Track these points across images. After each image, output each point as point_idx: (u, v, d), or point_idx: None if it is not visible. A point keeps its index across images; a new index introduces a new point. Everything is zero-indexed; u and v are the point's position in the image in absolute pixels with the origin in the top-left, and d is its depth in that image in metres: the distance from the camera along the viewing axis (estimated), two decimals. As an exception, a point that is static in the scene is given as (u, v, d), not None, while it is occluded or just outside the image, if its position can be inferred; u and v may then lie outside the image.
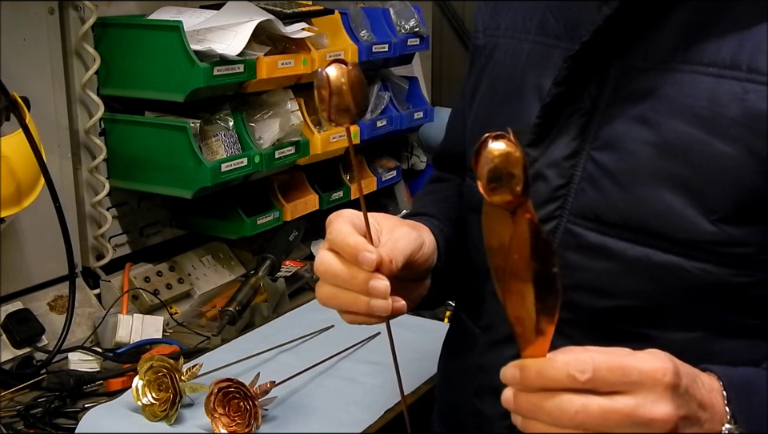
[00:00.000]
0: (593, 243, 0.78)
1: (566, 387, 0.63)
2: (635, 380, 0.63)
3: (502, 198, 0.60)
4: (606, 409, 0.63)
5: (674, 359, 0.66)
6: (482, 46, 0.98)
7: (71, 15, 1.56)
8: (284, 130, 1.72)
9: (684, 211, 0.73)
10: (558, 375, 0.63)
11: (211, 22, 1.61)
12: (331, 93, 0.71)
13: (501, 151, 0.59)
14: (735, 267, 0.73)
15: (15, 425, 1.27)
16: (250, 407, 1.09)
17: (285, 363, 1.28)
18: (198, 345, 1.52)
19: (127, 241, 1.72)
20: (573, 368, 0.63)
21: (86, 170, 1.63)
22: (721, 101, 0.73)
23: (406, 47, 2.09)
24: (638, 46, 0.78)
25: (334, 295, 0.79)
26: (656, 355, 0.65)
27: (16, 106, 1.32)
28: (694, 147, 0.73)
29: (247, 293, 1.54)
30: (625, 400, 0.63)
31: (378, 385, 1.24)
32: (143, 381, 1.15)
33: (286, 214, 1.81)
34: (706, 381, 0.69)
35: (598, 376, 0.63)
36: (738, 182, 0.72)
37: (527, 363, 0.65)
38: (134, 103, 1.64)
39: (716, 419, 0.68)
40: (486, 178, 0.60)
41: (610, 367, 0.63)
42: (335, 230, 0.78)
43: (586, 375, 0.62)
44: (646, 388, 0.63)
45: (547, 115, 0.82)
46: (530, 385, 0.65)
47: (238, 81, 1.61)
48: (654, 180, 0.75)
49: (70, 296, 1.44)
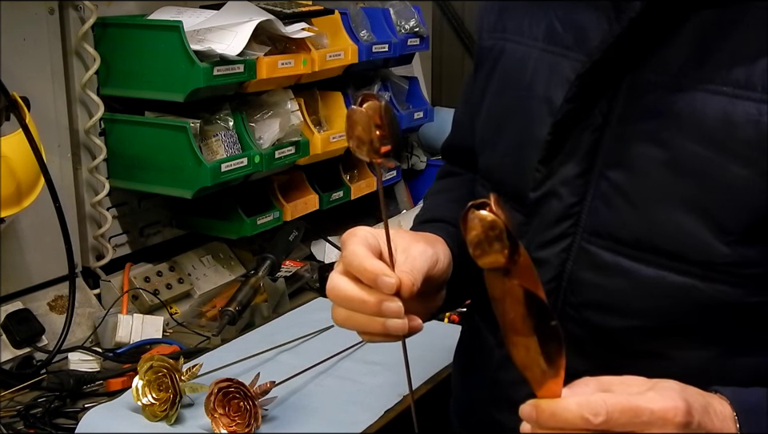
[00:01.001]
0: (606, 261, 0.78)
1: (581, 428, 0.64)
2: (647, 421, 0.64)
3: (489, 263, 0.62)
4: None
5: (686, 393, 0.67)
6: (489, 48, 0.97)
7: (71, 15, 1.56)
8: (284, 130, 1.72)
9: (697, 232, 0.73)
10: (572, 418, 0.64)
11: (211, 22, 1.61)
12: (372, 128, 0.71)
13: (483, 221, 0.60)
14: (749, 286, 0.73)
15: (15, 425, 1.27)
16: (249, 407, 1.09)
17: (285, 363, 1.28)
18: (198, 345, 1.52)
19: (127, 241, 1.72)
20: (587, 411, 0.64)
21: (86, 170, 1.63)
22: (735, 122, 0.71)
23: (406, 47, 2.09)
24: (650, 62, 0.77)
25: (348, 317, 0.80)
26: (667, 394, 0.66)
27: (16, 106, 1.32)
28: (707, 168, 0.73)
29: (247, 293, 1.54)
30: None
31: (378, 385, 1.24)
32: (143, 381, 1.15)
33: (285, 214, 1.81)
34: (719, 409, 0.69)
35: (611, 419, 0.64)
36: (751, 204, 0.71)
37: (542, 403, 0.66)
38: (134, 103, 1.64)
39: None
40: (472, 246, 0.61)
41: (623, 409, 0.64)
42: (351, 253, 0.78)
43: (600, 418, 0.64)
44: (657, 428, 0.64)
45: (558, 132, 0.81)
46: (545, 425, 0.66)
47: (238, 81, 1.61)
48: (666, 200, 0.74)
49: (70, 296, 1.44)
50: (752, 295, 0.73)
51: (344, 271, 0.79)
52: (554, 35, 0.86)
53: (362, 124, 0.71)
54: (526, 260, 0.63)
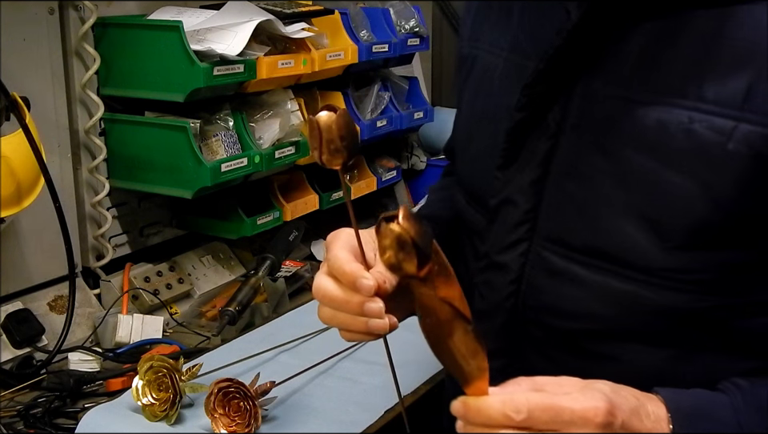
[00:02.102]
0: (559, 267, 0.80)
1: (503, 425, 0.67)
2: (567, 420, 0.66)
3: (401, 273, 0.65)
4: None
5: (615, 394, 0.69)
6: (465, 56, 0.99)
7: (71, 15, 1.56)
8: (284, 130, 1.72)
9: (638, 239, 0.74)
10: (496, 415, 0.67)
11: (211, 22, 1.61)
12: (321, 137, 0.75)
13: (391, 233, 0.63)
14: (691, 292, 0.74)
15: (15, 425, 1.27)
16: (250, 407, 1.09)
17: (285, 363, 1.28)
18: (198, 345, 1.52)
19: (127, 241, 1.72)
20: (509, 409, 0.66)
21: (86, 170, 1.63)
22: (670, 130, 0.73)
23: (406, 47, 2.09)
24: (598, 72, 0.78)
25: (332, 316, 0.82)
26: (592, 394, 0.68)
27: (16, 106, 1.32)
28: (646, 177, 0.74)
29: (247, 293, 1.54)
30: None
31: (377, 385, 1.24)
32: (143, 381, 1.15)
33: (285, 214, 1.81)
34: (652, 410, 0.71)
35: (532, 416, 0.66)
36: (688, 211, 0.72)
37: (469, 400, 0.69)
38: (134, 103, 1.64)
39: None
40: (383, 258, 0.64)
41: (544, 407, 0.66)
42: (333, 256, 0.81)
43: (522, 416, 0.66)
44: (577, 427, 0.66)
45: (512, 140, 0.83)
46: (472, 421, 0.68)
47: (238, 81, 1.61)
48: (611, 209, 0.76)
49: (70, 296, 1.44)
50: (694, 300, 0.74)
51: (328, 272, 0.81)
52: (517, 45, 0.88)
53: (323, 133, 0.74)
54: (444, 270, 0.66)
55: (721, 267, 0.73)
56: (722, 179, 0.71)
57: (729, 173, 0.71)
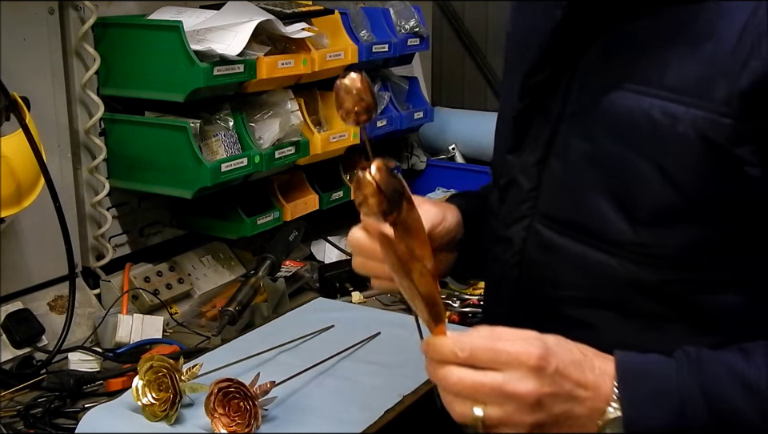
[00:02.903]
0: (548, 240, 0.89)
1: (451, 361, 0.77)
2: (504, 360, 0.76)
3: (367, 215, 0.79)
4: (478, 382, 0.76)
5: (558, 346, 0.78)
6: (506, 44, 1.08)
7: (71, 15, 1.56)
8: (284, 130, 1.72)
9: (610, 216, 0.82)
10: (446, 352, 0.78)
11: (211, 22, 1.61)
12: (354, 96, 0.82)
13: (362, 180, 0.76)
14: (656, 266, 0.81)
15: (15, 425, 1.27)
16: (249, 407, 1.09)
17: (285, 363, 1.28)
18: (198, 345, 1.52)
19: (127, 241, 1.73)
20: (456, 347, 0.77)
21: (86, 170, 1.63)
22: (635, 117, 0.80)
23: (406, 47, 2.09)
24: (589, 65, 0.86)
25: (362, 264, 0.96)
26: (532, 342, 0.77)
27: (16, 106, 1.32)
28: (617, 161, 0.82)
29: (247, 293, 1.54)
30: (494, 376, 0.76)
31: (378, 385, 1.24)
32: (143, 381, 1.15)
33: (285, 214, 1.81)
34: (599, 365, 0.78)
35: (474, 355, 0.77)
36: (651, 192, 0.79)
37: (429, 340, 0.80)
38: (134, 103, 1.64)
39: (600, 398, 0.77)
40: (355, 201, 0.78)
41: (486, 348, 0.77)
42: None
43: (465, 354, 0.77)
44: (512, 368, 0.76)
45: (518, 126, 0.93)
46: (431, 357, 0.79)
47: (238, 81, 1.61)
48: (589, 187, 0.84)
49: (70, 296, 1.44)
50: (658, 273, 0.81)
51: (361, 225, 0.94)
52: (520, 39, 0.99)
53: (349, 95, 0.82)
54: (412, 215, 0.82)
55: (684, 245, 0.80)
56: (677, 162, 0.78)
57: (682, 156, 0.78)
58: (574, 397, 0.77)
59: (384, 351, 1.34)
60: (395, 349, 1.34)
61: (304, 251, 1.99)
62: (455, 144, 2.44)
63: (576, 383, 0.77)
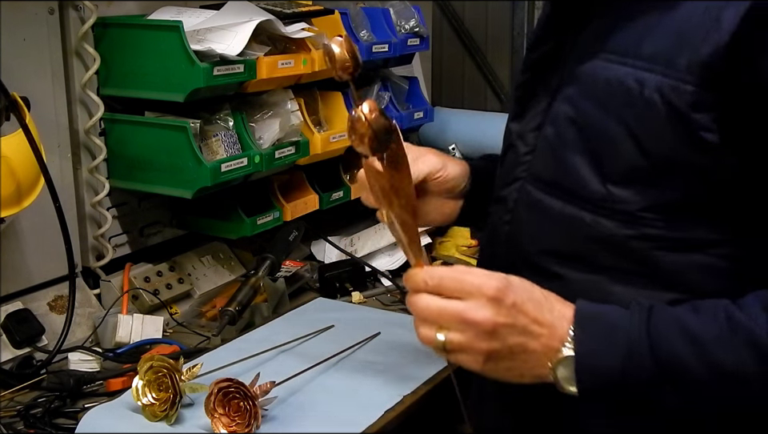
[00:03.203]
0: (534, 199, 0.96)
1: (422, 289, 0.88)
2: (467, 290, 0.86)
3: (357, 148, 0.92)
4: (442, 308, 0.87)
5: (515, 282, 0.87)
6: None
7: (71, 15, 1.56)
8: (284, 130, 1.72)
9: (586, 174, 0.89)
10: (419, 280, 0.89)
11: (211, 22, 1.61)
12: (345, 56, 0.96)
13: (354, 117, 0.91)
14: (621, 222, 0.88)
15: (15, 425, 1.27)
16: (249, 407, 1.09)
17: (285, 363, 1.28)
18: (198, 345, 1.52)
19: (127, 241, 1.73)
20: (427, 276, 0.88)
21: (86, 170, 1.63)
22: (612, 84, 0.88)
23: (406, 47, 2.09)
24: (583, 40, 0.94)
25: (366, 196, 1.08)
26: (494, 277, 0.87)
27: (16, 106, 1.32)
28: (594, 123, 0.89)
29: (247, 293, 1.54)
30: (456, 304, 0.86)
31: (378, 385, 1.24)
32: (143, 381, 1.15)
33: (285, 214, 1.81)
34: (558, 308, 0.87)
35: (441, 284, 0.87)
36: (620, 153, 0.87)
37: (409, 271, 0.91)
38: (134, 103, 1.64)
39: (554, 337, 0.86)
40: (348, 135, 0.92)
41: (452, 278, 0.87)
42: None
43: (434, 282, 0.87)
44: (473, 297, 0.86)
45: (519, 97, 1.02)
46: (408, 286, 0.90)
47: (238, 81, 1.61)
48: (570, 148, 0.91)
49: (70, 296, 1.44)
50: (623, 228, 0.88)
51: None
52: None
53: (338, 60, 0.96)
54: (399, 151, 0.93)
55: (647, 204, 0.86)
56: (643, 126, 0.85)
57: (647, 120, 0.85)
58: (529, 332, 0.86)
59: (384, 351, 1.34)
60: (395, 349, 1.34)
61: (304, 251, 1.99)
62: (455, 144, 2.44)
63: (532, 319, 0.86)
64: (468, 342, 0.86)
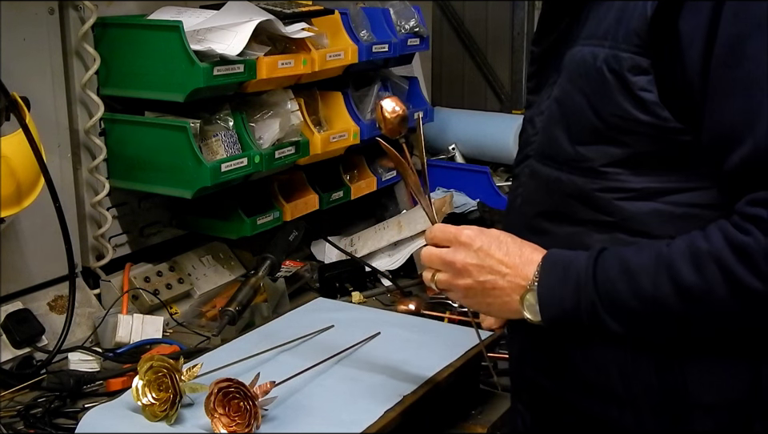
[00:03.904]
0: (534, 170, 1.09)
1: (428, 242, 1.10)
2: (449, 238, 1.07)
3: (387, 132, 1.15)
4: (433, 254, 1.08)
5: (489, 232, 1.06)
6: None
7: (71, 15, 1.56)
8: (284, 130, 1.72)
9: (563, 141, 1.04)
10: (426, 236, 1.10)
11: (211, 22, 1.61)
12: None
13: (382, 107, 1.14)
14: (588, 176, 1.01)
15: (15, 425, 1.27)
16: (249, 407, 1.09)
17: (285, 363, 1.28)
18: (198, 345, 1.52)
19: (127, 241, 1.73)
20: (428, 232, 1.10)
21: (86, 170, 1.63)
22: (580, 64, 1.01)
23: (406, 47, 2.09)
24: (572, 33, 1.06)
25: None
26: (473, 227, 1.08)
27: (16, 106, 1.32)
28: (569, 98, 1.03)
29: (247, 293, 1.54)
30: (441, 250, 1.08)
31: (378, 385, 1.24)
32: (143, 381, 1.15)
33: (285, 214, 1.81)
34: (528, 253, 1.04)
35: (435, 235, 1.08)
36: (583, 118, 1.01)
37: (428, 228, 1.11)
38: (134, 103, 1.64)
39: (519, 276, 1.03)
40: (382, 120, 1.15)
41: (440, 230, 1.08)
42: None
43: (431, 234, 1.09)
44: (452, 244, 1.07)
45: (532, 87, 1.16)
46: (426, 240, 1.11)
47: (238, 81, 1.61)
48: (551, 121, 1.06)
49: (70, 296, 1.44)
50: (590, 182, 1.01)
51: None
52: None
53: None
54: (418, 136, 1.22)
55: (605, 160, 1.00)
56: (596, 92, 0.99)
57: (598, 86, 0.99)
58: (497, 271, 1.04)
59: (384, 351, 1.34)
60: (395, 349, 1.34)
61: (304, 251, 1.99)
62: (455, 144, 2.44)
63: (498, 260, 1.04)
64: (450, 280, 1.07)
